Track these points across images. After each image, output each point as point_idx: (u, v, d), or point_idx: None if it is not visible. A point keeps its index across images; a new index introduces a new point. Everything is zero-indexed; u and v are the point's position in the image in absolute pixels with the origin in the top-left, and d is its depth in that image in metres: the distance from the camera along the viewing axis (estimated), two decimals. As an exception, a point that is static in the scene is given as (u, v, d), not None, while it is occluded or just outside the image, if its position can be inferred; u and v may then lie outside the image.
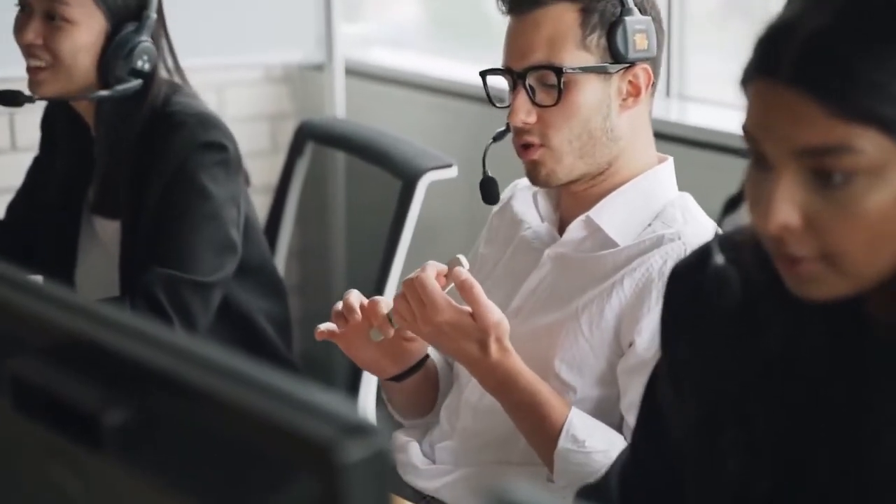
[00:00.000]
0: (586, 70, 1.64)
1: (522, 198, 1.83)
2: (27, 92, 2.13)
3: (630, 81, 1.67)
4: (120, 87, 2.09)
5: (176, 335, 0.76)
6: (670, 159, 1.75)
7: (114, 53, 2.08)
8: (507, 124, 1.72)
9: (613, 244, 1.68)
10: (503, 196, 1.88)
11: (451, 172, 2.34)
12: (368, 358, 1.72)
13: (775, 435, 1.11)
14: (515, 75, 1.66)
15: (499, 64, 1.70)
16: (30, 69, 2.11)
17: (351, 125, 2.85)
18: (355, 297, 1.66)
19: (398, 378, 1.75)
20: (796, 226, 1.00)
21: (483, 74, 1.73)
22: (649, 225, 1.68)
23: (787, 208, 0.99)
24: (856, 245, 0.99)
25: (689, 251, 1.59)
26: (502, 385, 1.60)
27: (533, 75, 1.65)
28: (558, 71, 1.63)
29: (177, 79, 2.20)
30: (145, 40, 2.09)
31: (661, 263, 1.63)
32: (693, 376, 1.18)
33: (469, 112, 2.99)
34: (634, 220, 1.69)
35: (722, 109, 2.62)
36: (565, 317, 1.67)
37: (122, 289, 2.15)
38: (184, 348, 0.76)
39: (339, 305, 1.67)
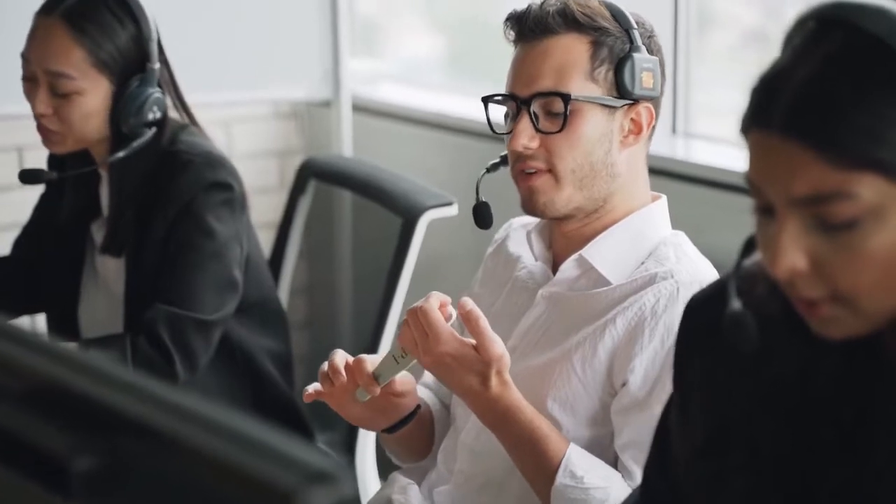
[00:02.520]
0: (593, 101, 1.65)
1: (517, 237, 1.83)
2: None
3: (633, 119, 1.68)
4: (136, 144, 2.12)
5: (143, 380, 0.76)
6: (664, 198, 1.75)
7: (124, 111, 2.11)
8: (502, 157, 1.72)
9: (606, 282, 1.68)
10: (498, 236, 1.88)
11: (452, 210, 2.35)
12: (358, 415, 1.72)
13: (781, 459, 1.12)
14: (520, 101, 1.66)
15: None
16: (43, 132, 2.14)
17: (353, 163, 2.86)
18: (340, 358, 1.66)
19: (390, 430, 1.75)
20: (804, 269, 1.01)
21: (485, 100, 1.74)
22: (642, 263, 1.68)
23: (794, 253, 1.00)
24: (865, 285, 1.00)
25: (681, 290, 1.61)
26: (502, 419, 1.60)
27: (538, 102, 1.65)
28: (566, 98, 1.63)
29: (181, 114, 2.21)
30: (152, 92, 2.12)
31: (654, 302, 1.62)
32: (702, 399, 1.19)
33: (476, 149, 2.99)
34: (627, 259, 1.69)
35: (727, 147, 2.61)
36: (559, 356, 1.67)
37: (125, 326, 2.16)
38: (152, 394, 0.76)
39: (325, 367, 1.67)
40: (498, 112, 1.73)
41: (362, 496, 2.34)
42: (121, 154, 2.12)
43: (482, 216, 1.79)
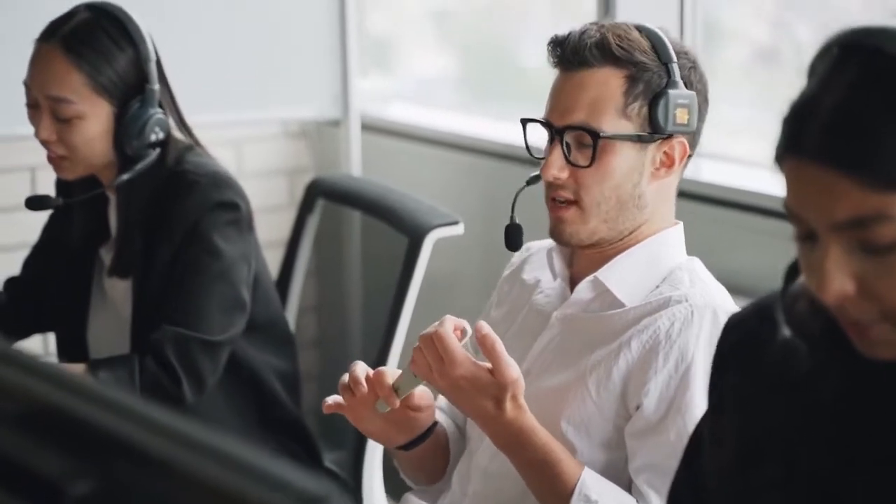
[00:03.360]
0: (622, 138, 1.64)
1: (535, 262, 1.83)
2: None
3: (665, 152, 1.68)
4: (140, 166, 2.13)
5: (139, 404, 0.77)
6: (680, 224, 1.75)
7: (126, 133, 2.11)
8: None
9: (621, 305, 1.68)
10: (514, 260, 1.88)
11: (458, 230, 2.35)
12: (376, 429, 1.71)
13: (817, 477, 1.12)
14: (554, 130, 1.67)
15: (534, 115, 1.71)
16: (51, 159, 2.15)
17: (360, 182, 2.87)
18: (361, 370, 1.65)
19: (406, 447, 1.74)
20: (852, 293, 1.01)
21: (524, 122, 1.74)
22: (657, 287, 1.68)
23: (841, 278, 1.01)
24: None
25: (695, 314, 1.61)
26: (516, 443, 1.59)
27: (570, 134, 1.65)
28: (595, 135, 1.63)
29: (184, 134, 2.22)
30: (154, 112, 2.12)
31: (669, 325, 1.62)
32: (738, 415, 1.20)
33: (485, 168, 3.00)
34: (642, 282, 1.69)
35: (735, 166, 2.62)
36: (573, 378, 1.67)
37: (132, 347, 2.17)
38: (147, 418, 0.77)
39: (346, 378, 1.66)
40: (533, 132, 1.74)
41: (369, 515, 2.35)
42: (126, 176, 2.13)
43: (513, 238, 1.78)
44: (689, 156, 1.71)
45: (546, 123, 1.69)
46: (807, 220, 1.03)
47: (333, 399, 1.68)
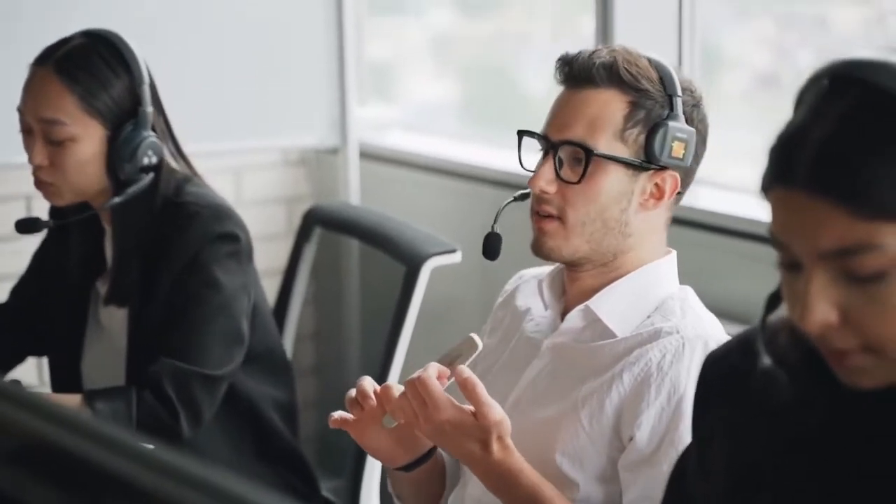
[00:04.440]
0: (615, 160, 1.64)
1: (526, 290, 1.83)
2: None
3: (657, 184, 1.67)
4: (131, 190, 2.12)
5: (129, 438, 0.76)
6: (673, 253, 1.74)
7: (118, 157, 2.10)
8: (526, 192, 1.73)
9: (611, 335, 1.67)
10: (507, 287, 1.88)
11: (456, 258, 2.35)
12: (380, 446, 1.70)
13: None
14: (549, 144, 1.67)
15: (533, 146, 1.72)
16: (41, 185, 2.14)
17: (357, 210, 2.87)
18: (369, 384, 1.65)
19: (408, 468, 1.74)
20: (835, 323, 1.02)
21: (520, 134, 1.74)
22: (648, 317, 1.68)
23: (824, 307, 1.01)
24: (895, 335, 1.01)
25: (686, 346, 1.61)
26: (504, 483, 1.59)
27: (565, 149, 1.66)
28: (589, 152, 1.64)
29: (180, 164, 2.22)
30: (147, 135, 2.11)
31: (660, 358, 1.62)
32: (724, 448, 1.20)
33: (484, 196, 3.00)
34: (634, 312, 1.68)
35: (730, 193, 2.62)
36: (565, 409, 1.66)
37: (127, 378, 2.15)
38: (138, 452, 0.76)
39: (353, 392, 1.66)
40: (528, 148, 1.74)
41: (367, 545, 2.34)
42: (118, 199, 2.12)
43: (491, 246, 1.77)
44: (680, 193, 1.70)
45: (542, 137, 1.69)
46: (792, 249, 1.03)
47: (340, 414, 1.67)
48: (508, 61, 3.59)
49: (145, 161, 2.12)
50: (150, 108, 2.12)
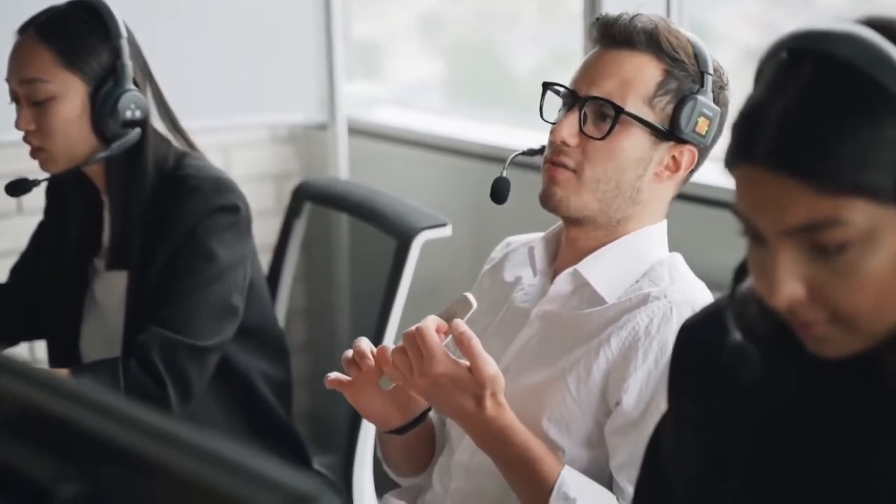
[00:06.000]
0: (644, 123, 1.65)
1: (515, 258, 1.83)
2: (31, 176, 2.16)
3: (674, 157, 1.69)
4: (116, 144, 2.11)
5: (125, 405, 0.77)
6: (664, 220, 1.75)
7: (100, 112, 2.10)
8: (540, 147, 1.73)
9: (600, 300, 1.68)
10: (494, 255, 1.88)
11: (446, 231, 2.35)
12: (375, 408, 1.70)
13: (780, 480, 1.12)
14: (576, 97, 1.67)
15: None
16: (32, 153, 2.14)
17: (348, 185, 2.87)
18: (366, 344, 1.66)
19: (400, 431, 1.74)
20: (802, 297, 1.02)
21: (545, 86, 1.73)
22: (637, 282, 1.69)
23: (790, 283, 1.02)
24: (862, 307, 1.01)
25: (674, 311, 1.61)
26: (496, 441, 1.60)
27: (592, 105, 1.66)
28: (618, 110, 1.64)
29: (178, 139, 2.22)
30: (127, 88, 2.10)
31: (647, 322, 1.63)
32: (698, 424, 1.20)
33: (472, 171, 3.00)
34: (622, 277, 1.69)
35: (716, 163, 2.62)
36: (553, 376, 1.67)
37: (123, 352, 2.15)
38: (135, 419, 0.77)
39: (349, 353, 1.66)
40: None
41: (360, 519, 2.35)
42: (102, 154, 2.11)
43: (500, 191, 1.77)
44: (692, 171, 1.71)
45: (569, 91, 1.69)
46: (757, 224, 1.03)
47: (336, 375, 1.68)
48: (495, 40, 3.58)
49: (128, 115, 2.10)
50: (129, 62, 2.11)
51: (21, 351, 2.96)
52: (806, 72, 1.01)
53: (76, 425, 0.78)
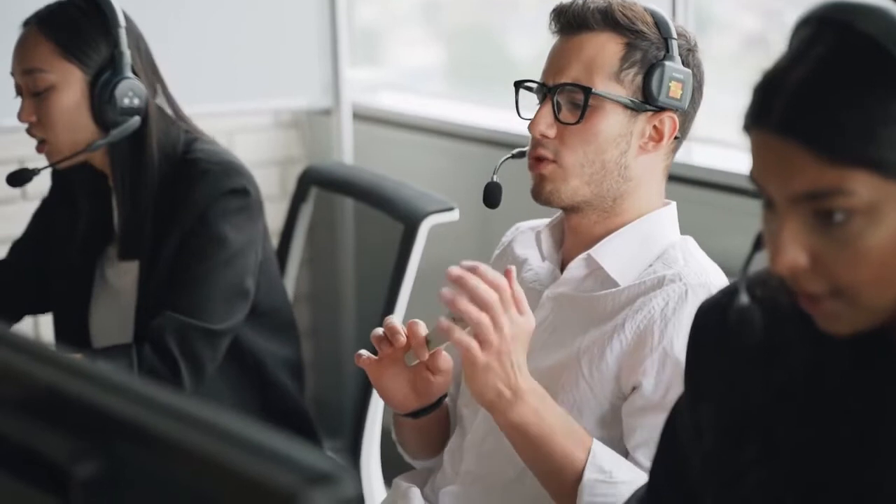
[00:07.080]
0: (613, 99, 1.65)
1: (524, 240, 1.83)
2: (31, 165, 2.16)
3: (655, 126, 1.69)
4: (115, 131, 2.11)
5: (142, 385, 0.76)
6: (673, 204, 1.75)
7: (99, 100, 2.10)
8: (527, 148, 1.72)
9: (613, 283, 1.68)
10: (504, 239, 1.88)
11: (453, 216, 2.34)
12: (396, 388, 1.67)
13: (796, 453, 1.13)
14: (546, 89, 1.68)
15: (523, 102, 1.72)
16: (38, 147, 2.15)
17: (354, 170, 2.86)
18: (396, 320, 1.64)
19: (416, 415, 1.73)
20: (804, 265, 1.03)
21: (517, 84, 1.75)
22: (650, 265, 1.68)
23: (794, 249, 1.03)
24: (863, 280, 1.02)
25: (689, 293, 1.61)
26: (541, 405, 1.54)
27: (563, 93, 1.67)
28: (586, 91, 1.65)
29: (184, 125, 2.22)
30: (125, 76, 2.11)
31: (663, 305, 1.62)
32: (716, 397, 1.21)
33: (477, 155, 3.00)
34: (635, 261, 1.69)
35: (726, 149, 2.62)
36: (566, 358, 1.67)
37: (135, 336, 2.15)
38: (151, 399, 0.77)
39: (380, 330, 1.63)
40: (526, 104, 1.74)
41: (367, 503, 2.34)
42: (101, 141, 2.11)
43: (492, 195, 1.78)
44: (678, 138, 1.71)
45: (539, 84, 1.70)
46: (767, 190, 1.04)
47: (368, 354, 1.65)
48: (496, 25, 3.58)
49: (126, 102, 2.10)
50: (126, 51, 2.11)
51: (25, 328, 2.96)
52: (827, 42, 1.02)
53: (93, 405, 0.78)
